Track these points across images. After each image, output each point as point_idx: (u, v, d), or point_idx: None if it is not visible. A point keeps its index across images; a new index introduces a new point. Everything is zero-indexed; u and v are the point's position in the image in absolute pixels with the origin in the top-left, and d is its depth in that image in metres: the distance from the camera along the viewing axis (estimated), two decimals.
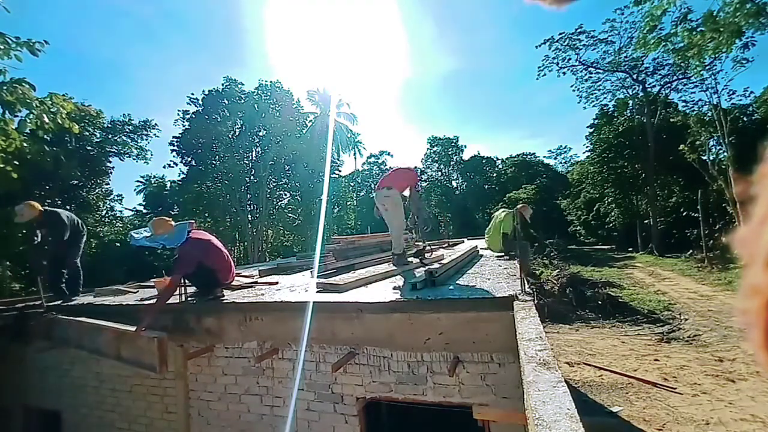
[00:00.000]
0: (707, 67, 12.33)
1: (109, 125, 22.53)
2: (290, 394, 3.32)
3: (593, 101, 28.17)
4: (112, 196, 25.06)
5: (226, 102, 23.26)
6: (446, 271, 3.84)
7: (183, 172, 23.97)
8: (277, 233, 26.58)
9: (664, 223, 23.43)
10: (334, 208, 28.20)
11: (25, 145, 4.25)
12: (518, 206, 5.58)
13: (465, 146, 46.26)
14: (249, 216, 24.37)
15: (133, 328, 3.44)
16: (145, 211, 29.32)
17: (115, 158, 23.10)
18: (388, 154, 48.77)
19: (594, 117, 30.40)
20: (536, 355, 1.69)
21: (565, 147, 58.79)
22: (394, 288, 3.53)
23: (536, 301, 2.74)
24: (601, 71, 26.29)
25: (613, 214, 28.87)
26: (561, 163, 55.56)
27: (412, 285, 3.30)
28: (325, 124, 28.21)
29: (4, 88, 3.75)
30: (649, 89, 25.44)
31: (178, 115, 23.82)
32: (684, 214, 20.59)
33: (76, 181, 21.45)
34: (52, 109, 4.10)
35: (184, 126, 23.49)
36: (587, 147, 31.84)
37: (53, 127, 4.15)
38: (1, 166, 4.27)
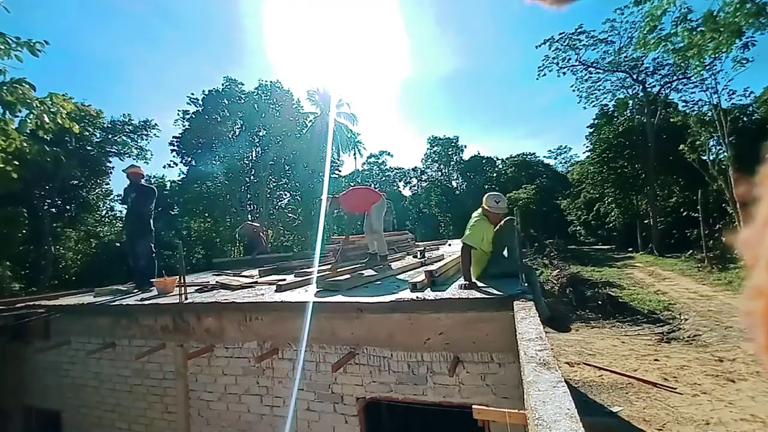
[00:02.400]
0: (707, 67, 12.32)
1: (109, 125, 22.49)
2: (290, 394, 3.32)
3: (593, 101, 28.19)
4: (112, 196, 25.03)
5: (226, 102, 23.25)
6: (446, 271, 3.84)
7: (183, 172, 23.98)
8: (277, 233, 26.58)
9: (664, 223, 23.42)
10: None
11: (25, 145, 4.24)
12: (488, 207, 3.46)
13: (465, 146, 46.22)
14: (249, 216, 24.35)
15: None
16: None
17: (115, 158, 23.07)
18: (388, 154, 48.82)
19: (594, 117, 30.44)
20: (536, 355, 1.70)
21: (565, 147, 58.72)
22: (394, 288, 3.53)
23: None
24: (601, 71, 26.30)
25: (613, 214, 28.85)
26: (561, 163, 55.54)
27: (413, 285, 3.30)
28: (325, 124, 28.20)
29: (5, 88, 3.75)
30: (649, 89, 25.44)
31: (178, 115, 23.84)
32: (684, 214, 20.57)
33: (76, 181, 21.43)
34: (52, 109, 4.10)
35: (184, 126, 23.50)
36: (587, 147, 31.86)
37: (53, 127, 4.15)
38: (1, 166, 4.27)
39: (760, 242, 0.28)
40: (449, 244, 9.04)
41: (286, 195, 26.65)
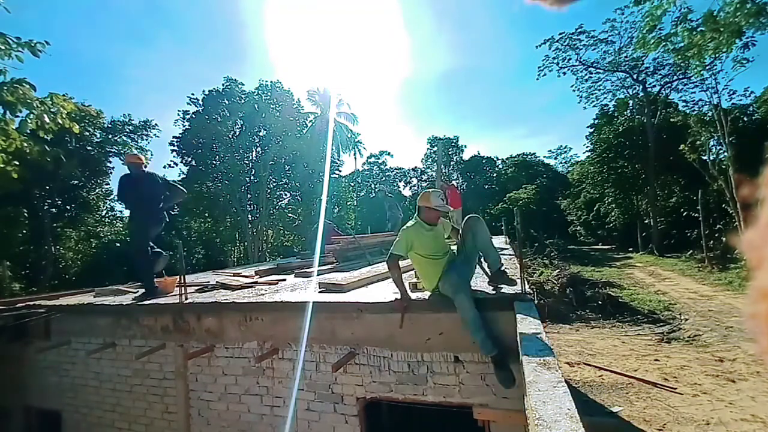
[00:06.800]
0: (707, 67, 12.29)
1: (110, 125, 22.51)
2: (290, 394, 3.32)
3: (593, 101, 28.18)
4: (112, 196, 25.03)
5: (227, 102, 23.22)
6: None
7: (183, 172, 23.94)
8: (277, 233, 26.56)
9: (664, 223, 23.41)
10: (334, 208, 28.16)
11: (25, 145, 4.24)
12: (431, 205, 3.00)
13: (465, 146, 46.30)
14: (249, 216, 24.33)
15: None
16: None
17: (115, 158, 23.07)
18: (388, 154, 48.85)
19: (594, 117, 30.39)
20: (536, 355, 1.69)
21: (565, 147, 58.74)
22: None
23: (536, 301, 2.73)
24: (601, 71, 26.29)
25: (613, 214, 28.86)
26: (561, 163, 55.51)
27: (412, 285, 3.30)
28: (325, 124, 28.17)
29: (5, 88, 3.75)
30: (649, 89, 25.43)
31: (178, 115, 23.81)
32: (684, 214, 20.57)
33: (76, 181, 21.44)
34: (52, 109, 4.10)
35: (184, 126, 23.48)
36: (587, 147, 31.83)
37: (53, 127, 4.15)
38: (2, 166, 4.27)
39: (765, 244, 0.27)
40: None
41: (286, 195, 26.62)
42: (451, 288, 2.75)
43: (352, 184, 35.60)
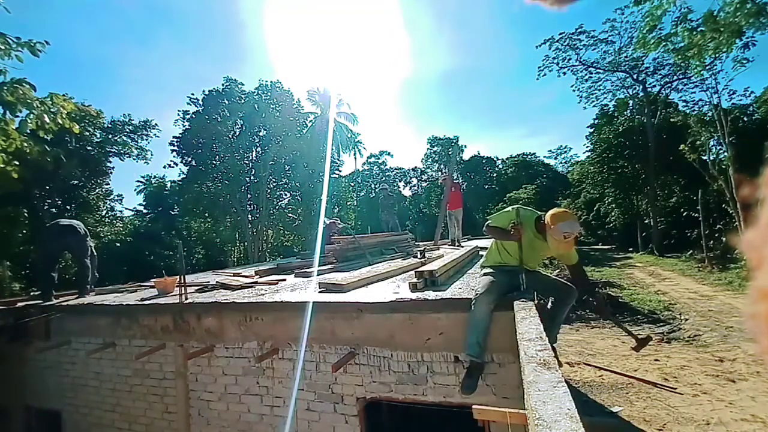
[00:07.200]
0: (707, 67, 12.27)
1: (110, 125, 22.51)
2: (290, 394, 3.32)
3: (593, 101, 28.23)
4: (112, 196, 25.04)
5: (227, 102, 23.20)
6: (446, 271, 3.84)
7: (183, 172, 23.94)
8: (277, 233, 26.55)
9: (664, 223, 23.43)
10: (334, 208, 28.15)
11: (25, 145, 4.23)
12: (557, 232, 2.72)
13: (465, 146, 46.34)
14: (249, 216, 24.31)
15: None
16: (145, 211, 29.32)
17: (115, 158, 23.11)
18: (388, 154, 48.86)
19: (594, 117, 30.42)
20: (536, 355, 1.69)
21: (565, 147, 58.76)
22: (395, 288, 3.53)
23: (536, 301, 2.73)
24: (601, 71, 26.34)
25: (613, 214, 28.89)
26: (561, 163, 55.53)
27: (412, 285, 3.30)
28: (325, 124, 28.17)
29: (5, 88, 3.74)
30: (649, 89, 25.46)
31: (178, 115, 23.79)
32: (684, 214, 20.59)
33: (76, 181, 21.44)
34: (52, 109, 4.09)
35: (184, 126, 23.46)
36: (587, 147, 31.86)
37: (53, 127, 4.14)
38: (2, 166, 4.26)
39: (765, 244, 0.27)
40: (453, 244, 9.03)
41: (286, 195, 26.61)
42: (481, 283, 2.76)
43: (352, 184, 35.62)
